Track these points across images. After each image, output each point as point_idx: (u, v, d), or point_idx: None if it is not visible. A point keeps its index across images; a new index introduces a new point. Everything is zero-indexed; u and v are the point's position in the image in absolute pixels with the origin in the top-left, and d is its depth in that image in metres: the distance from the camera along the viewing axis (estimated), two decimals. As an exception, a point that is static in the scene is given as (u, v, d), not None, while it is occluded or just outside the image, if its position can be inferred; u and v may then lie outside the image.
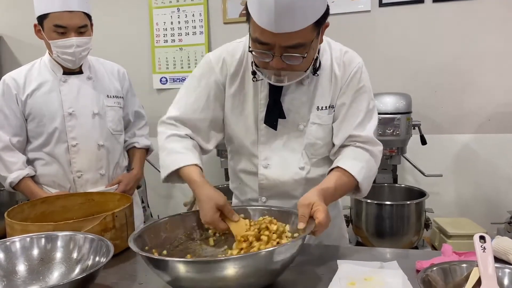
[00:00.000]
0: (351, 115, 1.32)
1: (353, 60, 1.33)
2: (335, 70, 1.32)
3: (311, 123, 1.33)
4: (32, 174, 1.83)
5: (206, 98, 1.36)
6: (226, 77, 1.36)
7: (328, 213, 1.10)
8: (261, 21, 1.10)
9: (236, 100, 1.37)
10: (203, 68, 1.38)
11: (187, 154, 1.29)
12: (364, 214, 2.48)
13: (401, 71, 2.87)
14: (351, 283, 1.05)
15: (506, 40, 2.72)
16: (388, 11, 2.86)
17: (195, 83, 1.38)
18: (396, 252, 1.30)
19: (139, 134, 2.09)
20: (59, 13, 1.69)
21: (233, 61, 1.35)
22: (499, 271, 0.96)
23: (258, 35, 1.13)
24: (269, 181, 1.38)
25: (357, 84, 1.31)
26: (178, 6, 3.23)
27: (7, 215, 1.29)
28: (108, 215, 1.27)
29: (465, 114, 2.84)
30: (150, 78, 3.34)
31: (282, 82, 1.21)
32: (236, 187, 1.52)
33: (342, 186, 1.24)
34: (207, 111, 1.36)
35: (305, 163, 1.36)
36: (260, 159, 1.37)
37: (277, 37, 1.11)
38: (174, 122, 1.37)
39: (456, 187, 2.91)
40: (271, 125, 1.33)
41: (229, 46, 1.39)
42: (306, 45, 1.14)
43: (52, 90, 1.81)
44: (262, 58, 1.18)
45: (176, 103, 1.40)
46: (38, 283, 1.08)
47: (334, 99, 1.33)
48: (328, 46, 1.35)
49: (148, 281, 1.13)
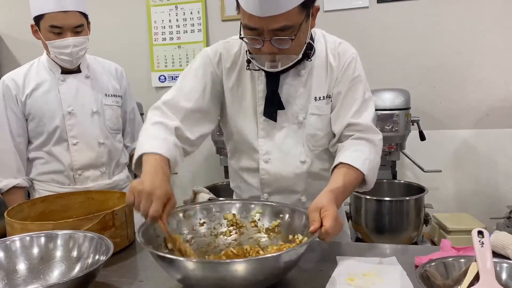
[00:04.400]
0: (347, 103, 1.32)
1: (347, 50, 1.35)
2: (330, 60, 1.33)
3: (310, 114, 1.34)
4: (24, 185, 1.83)
5: (202, 89, 1.35)
6: (222, 72, 1.37)
7: (339, 219, 1.08)
8: (247, 6, 1.14)
9: (235, 95, 1.38)
10: (200, 61, 1.39)
11: (163, 142, 1.21)
12: (363, 210, 2.49)
13: (399, 67, 2.87)
14: (350, 278, 1.05)
15: (505, 35, 2.72)
16: (386, 7, 2.86)
17: (192, 73, 1.37)
18: (395, 248, 1.30)
19: (138, 136, 2.10)
20: (54, 13, 1.69)
21: (229, 56, 1.37)
22: (497, 266, 0.96)
23: (247, 21, 1.17)
24: (270, 176, 1.38)
25: (352, 74, 1.33)
26: (176, 4, 3.22)
27: (7, 214, 1.29)
28: (107, 213, 1.27)
29: (464, 110, 2.84)
30: (148, 76, 3.34)
31: (276, 68, 1.23)
32: (237, 185, 1.52)
33: (350, 182, 1.23)
34: (201, 101, 1.35)
35: (306, 156, 1.36)
36: (260, 154, 1.38)
37: (264, 21, 1.14)
38: (166, 109, 1.32)
39: (455, 182, 2.91)
40: (270, 117, 1.33)
41: (225, 42, 1.40)
42: (294, 27, 1.16)
43: (51, 89, 1.81)
44: (253, 45, 1.21)
45: (171, 91, 1.38)
46: (38, 282, 1.08)
47: (331, 89, 1.34)
48: (323, 37, 1.37)
49: (149, 279, 1.14)
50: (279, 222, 1.21)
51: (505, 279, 0.95)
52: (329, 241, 1.07)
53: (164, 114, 1.32)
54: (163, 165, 1.15)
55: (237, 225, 1.23)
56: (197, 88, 1.35)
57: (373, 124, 1.33)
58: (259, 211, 1.24)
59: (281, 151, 1.36)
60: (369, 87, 1.37)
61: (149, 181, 1.07)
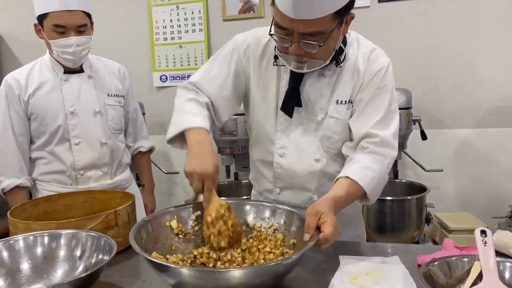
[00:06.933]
0: (370, 112, 1.28)
1: (380, 57, 1.31)
2: (358, 65, 1.29)
3: (329, 117, 1.32)
4: (26, 185, 1.84)
5: (225, 76, 1.37)
6: (249, 62, 1.37)
7: (337, 226, 1.07)
8: (281, 5, 1.13)
9: (260, 86, 1.38)
10: (229, 47, 1.40)
11: (203, 119, 1.29)
12: (365, 209, 2.49)
13: (401, 67, 2.86)
14: (353, 278, 1.06)
15: (506, 34, 2.72)
16: (387, 7, 2.86)
17: (221, 58, 1.39)
18: (397, 247, 1.30)
19: (140, 137, 2.11)
20: (58, 12, 1.69)
21: (259, 46, 1.36)
22: (500, 265, 0.96)
23: (279, 19, 1.16)
24: (283, 170, 1.38)
25: (380, 82, 1.28)
26: (177, 4, 3.22)
27: (10, 214, 1.29)
28: (110, 213, 1.27)
29: (465, 109, 2.84)
30: (150, 76, 3.34)
31: (301, 69, 1.23)
32: (254, 177, 1.53)
33: (352, 194, 1.20)
34: (222, 89, 1.37)
35: (321, 155, 1.35)
36: (276, 148, 1.38)
37: (295, 23, 1.13)
38: (196, 88, 1.38)
39: (457, 181, 2.91)
40: (287, 112, 1.33)
41: (258, 31, 1.39)
42: (324, 34, 1.15)
43: (53, 89, 1.81)
44: (281, 43, 1.20)
45: (199, 71, 1.41)
46: (42, 281, 1.09)
47: (354, 94, 1.31)
48: (356, 41, 1.33)
49: (152, 278, 1.14)
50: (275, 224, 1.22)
51: (508, 278, 0.96)
52: (324, 248, 1.06)
53: (194, 91, 1.37)
54: (205, 136, 1.24)
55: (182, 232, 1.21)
56: (222, 75, 1.37)
57: (393, 138, 1.27)
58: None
59: (297, 147, 1.36)
60: (396, 99, 1.31)
61: (190, 161, 1.17)
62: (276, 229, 1.21)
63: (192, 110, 1.30)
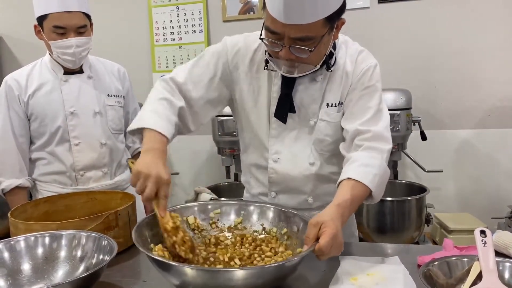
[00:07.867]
0: (359, 111, 1.28)
1: (366, 59, 1.32)
2: (347, 67, 1.30)
3: (320, 120, 1.33)
4: (26, 185, 1.84)
5: (210, 77, 1.35)
6: (237, 67, 1.36)
7: (338, 237, 1.04)
8: (272, 9, 1.12)
9: (250, 92, 1.37)
10: (217, 48, 1.38)
11: (167, 124, 1.22)
12: (365, 210, 2.49)
13: (400, 67, 2.88)
14: (353, 278, 1.06)
15: (506, 35, 2.72)
16: (387, 8, 2.86)
17: (206, 59, 1.37)
18: (397, 247, 1.30)
19: None
20: (58, 13, 1.69)
21: (248, 52, 1.35)
22: (500, 265, 0.97)
23: (269, 23, 1.15)
24: (278, 176, 1.38)
25: (368, 82, 1.29)
26: (177, 5, 3.23)
27: (10, 215, 1.30)
28: (111, 213, 1.28)
29: (465, 109, 2.85)
30: (150, 77, 3.34)
31: (292, 74, 1.23)
32: (246, 180, 1.52)
33: (358, 196, 1.17)
34: (205, 90, 1.35)
35: (315, 158, 1.35)
36: (270, 153, 1.37)
37: (286, 28, 1.12)
38: (176, 87, 1.33)
39: (457, 182, 2.92)
40: (280, 119, 1.33)
41: (248, 37, 1.38)
42: (315, 39, 1.14)
43: (53, 90, 1.82)
44: (272, 47, 1.20)
45: (183, 70, 1.36)
46: (43, 282, 1.09)
47: (344, 96, 1.32)
48: (344, 44, 1.34)
49: (152, 279, 1.14)
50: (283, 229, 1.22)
51: (507, 278, 0.96)
52: (324, 259, 1.04)
53: (172, 91, 1.33)
54: (163, 146, 1.17)
55: (198, 228, 1.22)
56: (206, 76, 1.35)
57: (385, 131, 1.28)
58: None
59: (291, 152, 1.36)
60: (383, 99, 1.32)
61: (146, 163, 1.10)
62: (289, 236, 1.19)
63: (159, 111, 1.25)
